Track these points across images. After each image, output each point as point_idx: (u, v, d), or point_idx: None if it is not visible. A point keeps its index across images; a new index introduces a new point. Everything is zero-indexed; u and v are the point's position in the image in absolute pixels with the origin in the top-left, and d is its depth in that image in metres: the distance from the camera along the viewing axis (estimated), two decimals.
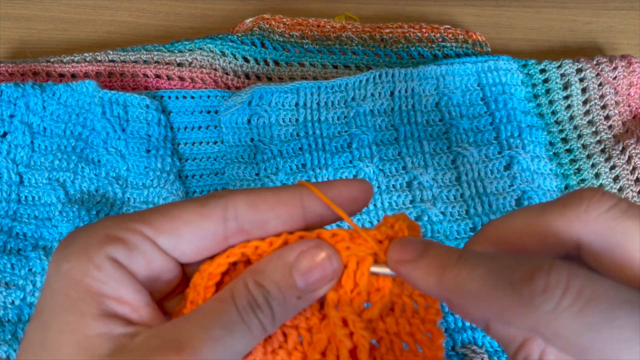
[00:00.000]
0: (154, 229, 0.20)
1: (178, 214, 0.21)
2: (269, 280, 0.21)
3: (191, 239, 0.21)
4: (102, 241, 0.20)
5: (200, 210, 0.21)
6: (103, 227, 0.20)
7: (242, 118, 0.48)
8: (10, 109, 0.46)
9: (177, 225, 0.21)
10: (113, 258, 0.19)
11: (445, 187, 0.46)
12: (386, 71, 0.49)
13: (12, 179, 0.45)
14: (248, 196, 0.22)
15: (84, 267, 0.19)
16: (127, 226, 0.20)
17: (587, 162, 0.48)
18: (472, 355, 0.40)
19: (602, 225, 0.19)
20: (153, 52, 0.51)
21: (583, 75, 0.50)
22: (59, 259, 0.19)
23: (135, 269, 0.20)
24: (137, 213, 0.21)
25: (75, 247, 0.20)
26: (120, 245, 0.20)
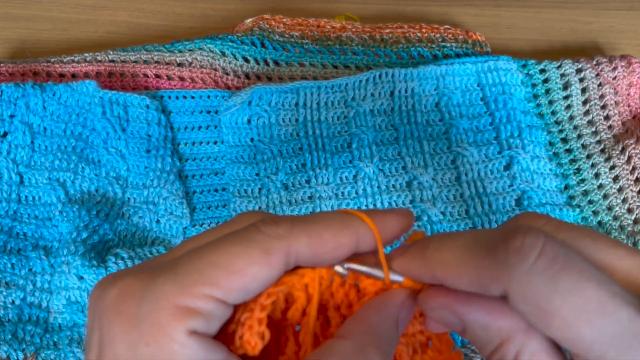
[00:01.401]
0: (222, 290, 0.19)
1: (244, 269, 0.19)
2: (386, 342, 0.21)
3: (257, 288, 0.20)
4: (176, 316, 0.18)
5: (266, 261, 0.20)
6: (167, 296, 0.19)
7: (242, 118, 0.48)
8: (10, 109, 0.46)
9: (246, 283, 0.20)
10: (193, 331, 0.19)
11: (445, 187, 0.46)
12: (386, 71, 0.49)
13: (12, 179, 0.45)
14: (310, 240, 0.21)
15: (167, 348, 0.18)
16: (194, 293, 0.19)
17: (587, 162, 0.48)
18: (472, 355, 0.40)
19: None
20: (153, 52, 0.51)
21: (583, 76, 0.50)
22: (133, 342, 0.18)
23: (212, 331, 0.20)
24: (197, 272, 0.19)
25: (147, 326, 0.18)
26: (197, 317, 0.19)
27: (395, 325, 0.22)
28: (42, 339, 0.41)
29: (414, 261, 0.21)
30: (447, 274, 0.20)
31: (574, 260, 0.18)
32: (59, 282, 0.42)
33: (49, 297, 0.42)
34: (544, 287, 0.18)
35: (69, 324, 0.42)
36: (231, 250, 0.19)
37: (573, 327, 0.17)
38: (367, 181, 0.46)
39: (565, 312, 0.17)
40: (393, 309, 0.22)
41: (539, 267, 0.18)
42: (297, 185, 0.46)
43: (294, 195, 0.46)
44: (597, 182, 0.47)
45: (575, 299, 0.17)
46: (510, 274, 0.18)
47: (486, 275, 0.19)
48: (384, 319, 0.22)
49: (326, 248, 0.21)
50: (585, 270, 0.18)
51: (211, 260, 0.19)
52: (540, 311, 0.18)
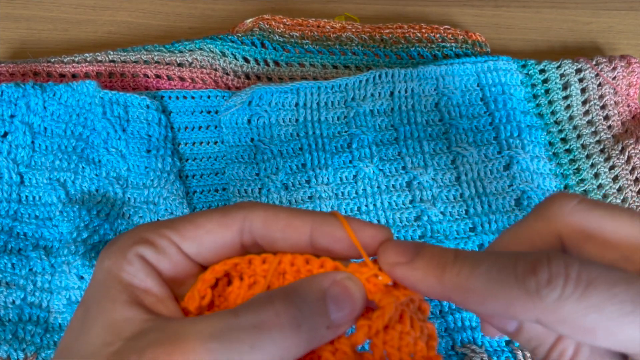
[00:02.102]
0: (179, 235, 0.23)
1: (202, 223, 0.23)
2: (302, 300, 0.21)
3: (211, 246, 0.23)
4: (135, 242, 0.22)
5: (222, 220, 0.23)
6: (139, 230, 0.23)
7: (242, 118, 0.48)
8: (11, 109, 0.46)
9: (200, 233, 0.23)
10: (142, 256, 0.22)
11: (444, 187, 0.46)
12: (386, 71, 0.49)
13: (12, 179, 0.45)
14: (265, 212, 0.23)
15: (119, 263, 0.22)
16: (158, 231, 0.23)
17: (587, 162, 0.48)
18: (471, 354, 0.40)
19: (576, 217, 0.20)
20: (153, 52, 0.52)
21: (582, 76, 0.50)
22: (103, 257, 0.23)
23: (162, 267, 0.22)
24: (169, 220, 0.23)
25: (115, 247, 0.22)
26: (149, 246, 0.22)
27: (318, 293, 0.21)
28: (43, 338, 0.41)
29: (427, 279, 0.21)
30: (470, 301, 0.20)
31: (595, 272, 0.19)
32: (59, 282, 0.42)
33: (50, 297, 0.42)
34: (577, 308, 0.18)
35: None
36: (201, 212, 0.23)
37: (618, 333, 0.18)
38: (367, 181, 0.46)
39: (604, 322, 0.18)
40: (322, 278, 0.22)
41: (568, 291, 0.18)
42: (297, 185, 0.46)
43: (294, 195, 0.46)
44: (597, 182, 0.47)
45: (609, 308, 0.18)
46: (543, 305, 0.19)
47: (517, 306, 0.19)
48: (308, 282, 0.22)
49: (277, 224, 0.23)
50: (609, 276, 0.18)
51: (184, 217, 0.23)
52: (582, 329, 0.18)
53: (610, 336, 0.18)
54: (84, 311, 0.22)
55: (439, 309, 0.42)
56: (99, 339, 0.20)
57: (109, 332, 0.20)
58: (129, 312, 0.21)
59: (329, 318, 0.21)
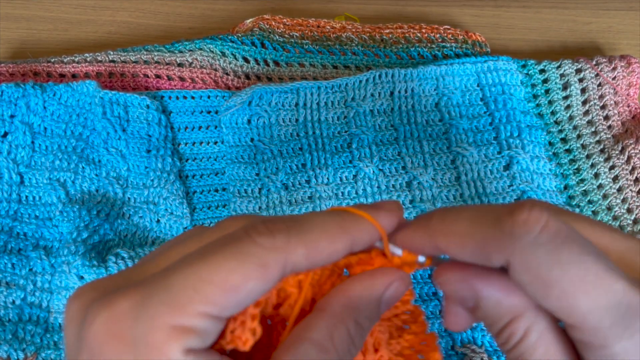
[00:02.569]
0: (218, 307, 0.19)
1: (241, 284, 0.19)
2: (365, 317, 0.21)
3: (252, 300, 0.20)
4: (172, 336, 0.18)
5: (262, 275, 0.19)
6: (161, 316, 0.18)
7: (242, 118, 0.48)
8: (11, 109, 0.46)
9: (242, 298, 0.19)
10: (190, 349, 0.18)
11: (444, 187, 0.46)
12: (386, 71, 0.49)
13: (12, 179, 0.45)
14: (307, 251, 0.20)
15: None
16: (189, 312, 0.18)
17: (587, 162, 0.48)
18: (471, 354, 0.40)
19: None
20: (153, 52, 0.52)
21: (582, 76, 0.50)
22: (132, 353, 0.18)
23: (208, 344, 0.19)
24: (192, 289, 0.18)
25: (143, 348, 0.18)
26: (193, 335, 0.18)
27: (377, 303, 0.22)
28: (43, 338, 0.41)
29: (416, 232, 0.22)
30: (451, 243, 0.21)
31: (574, 235, 0.19)
32: (59, 282, 0.42)
33: (50, 297, 0.42)
34: (545, 258, 0.19)
35: None
36: (226, 265, 0.19)
37: (570, 297, 0.18)
38: (367, 181, 0.46)
39: (564, 282, 0.18)
40: (378, 286, 0.22)
41: (542, 239, 0.19)
42: (297, 185, 0.46)
43: (294, 195, 0.46)
44: (597, 182, 0.47)
45: (574, 270, 0.18)
46: (514, 244, 0.19)
47: (491, 245, 0.20)
48: (366, 294, 0.22)
49: (321, 257, 0.21)
50: (585, 245, 0.19)
51: (206, 277, 0.19)
52: (541, 281, 0.19)
53: (563, 297, 0.18)
54: None
55: (439, 309, 0.42)
56: None
57: None
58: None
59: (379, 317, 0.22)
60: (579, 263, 0.18)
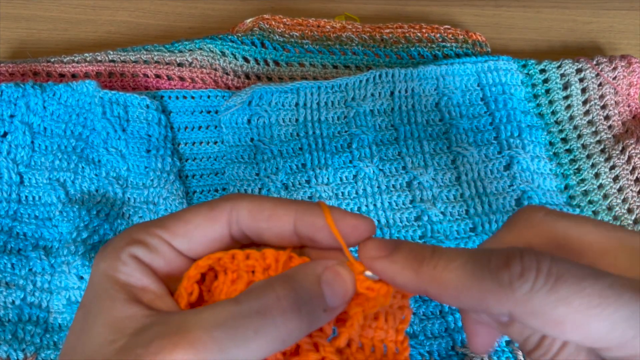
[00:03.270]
0: (170, 232, 0.23)
1: (190, 218, 0.23)
2: (300, 285, 0.22)
3: (201, 241, 0.23)
4: (127, 243, 0.23)
5: (209, 214, 0.23)
6: (130, 232, 0.23)
7: (242, 118, 0.48)
8: (10, 109, 0.46)
9: (189, 229, 0.23)
10: (136, 256, 0.23)
11: (445, 187, 0.46)
12: (386, 71, 0.49)
13: (12, 179, 0.45)
14: (251, 203, 0.24)
15: (114, 264, 0.22)
16: (148, 231, 0.23)
17: (587, 162, 0.48)
18: (472, 355, 0.40)
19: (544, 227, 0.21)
20: (153, 52, 0.51)
21: (583, 75, 0.50)
22: (97, 260, 0.23)
23: (156, 265, 0.23)
24: (159, 219, 0.24)
25: (108, 249, 0.23)
26: (142, 246, 0.23)
27: (314, 278, 0.22)
28: (42, 339, 0.41)
29: (404, 272, 0.22)
30: (445, 294, 0.21)
31: (565, 267, 0.19)
32: (59, 282, 0.42)
33: (49, 297, 0.42)
34: (547, 300, 0.19)
35: (69, 324, 0.42)
36: (189, 208, 0.24)
37: (585, 326, 0.18)
38: (367, 181, 0.46)
39: (573, 315, 0.19)
40: (316, 264, 0.23)
41: (539, 284, 0.19)
42: (297, 185, 0.46)
43: (294, 195, 0.46)
44: (597, 182, 0.47)
45: (578, 301, 0.18)
46: (515, 298, 0.19)
47: (490, 299, 0.20)
48: (303, 268, 0.22)
49: (262, 213, 0.23)
50: (578, 272, 0.19)
51: (172, 214, 0.24)
52: (551, 322, 0.19)
53: (577, 329, 0.19)
54: (84, 313, 0.22)
55: (439, 309, 0.42)
56: (102, 338, 0.21)
57: (111, 330, 0.21)
58: (130, 310, 0.21)
59: (325, 301, 0.22)
60: (578, 292, 0.19)
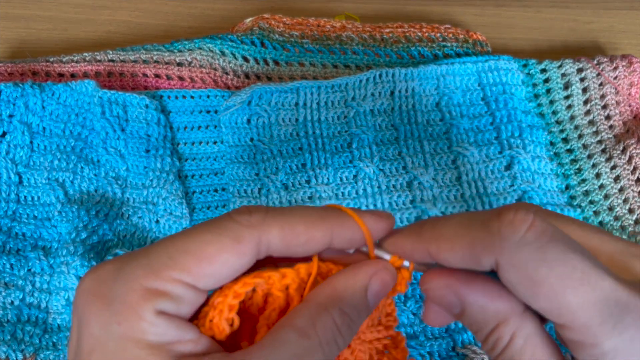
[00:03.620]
0: (192, 276, 0.20)
1: (215, 255, 0.20)
2: (351, 306, 0.22)
3: (228, 276, 0.21)
4: (145, 297, 0.19)
5: (237, 249, 0.20)
6: (137, 279, 0.20)
7: (242, 118, 0.48)
8: (9, 108, 0.46)
9: (216, 269, 0.20)
10: (162, 312, 0.19)
11: (445, 187, 0.46)
12: (386, 71, 0.49)
13: (11, 179, 0.45)
14: (282, 231, 0.21)
15: (138, 326, 0.19)
16: (164, 277, 0.20)
17: (588, 162, 0.47)
18: (472, 355, 0.40)
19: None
20: (152, 51, 0.51)
21: (584, 75, 0.50)
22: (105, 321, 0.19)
23: (183, 313, 0.20)
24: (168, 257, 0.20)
25: (118, 306, 0.19)
26: (165, 299, 0.20)
27: (363, 293, 0.22)
28: (41, 339, 0.41)
29: (408, 238, 0.22)
30: (442, 247, 0.21)
31: (560, 235, 0.19)
32: (58, 282, 0.42)
33: (48, 298, 0.42)
34: (532, 257, 0.19)
35: (68, 325, 0.41)
36: (203, 237, 0.20)
37: (559, 295, 0.19)
38: (368, 181, 0.46)
39: (552, 280, 0.19)
40: (362, 275, 0.22)
41: (528, 238, 0.19)
42: (297, 185, 0.46)
43: (294, 195, 0.45)
44: (598, 183, 0.47)
45: (561, 267, 0.19)
46: (501, 244, 0.19)
47: (479, 246, 0.20)
48: (351, 284, 0.22)
49: (298, 241, 0.21)
50: (571, 244, 0.19)
51: (182, 247, 0.20)
52: (529, 280, 0.19)
53: (552, 295, 0.19)
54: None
55: None
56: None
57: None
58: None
59: (369, 309, 0.22)
60: (565, 260, 0.19)
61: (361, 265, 0.23)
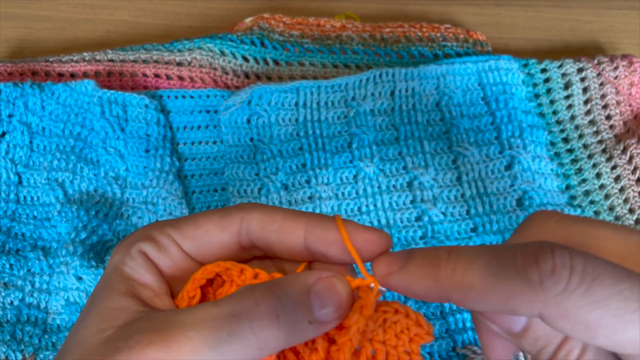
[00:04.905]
0: (181, 234, 0.23)
1: (202, 223, 0.24)
2: (284, 293, 0.21)
3: (210, 246, 0.24)
4: (140, 239, 0.23)
5: (220, 221, 0.23)
6: (147, 228, 0.24)
7: (242, 118, 0.48)
8: (9, 108, 0.46)
9: (199, 233, 0.23)
10: (144, 252, 0.23)
11: (445, 187, 0.46)
12: (386, 71, 0.49)
13: (10, 179, 0.45)
14: (262, 214, 0.23)
15: (124, 257, 0.23)
16: (161, 229, 0.23)
17: (588, 162, 0.47)
18: (472, 355, 0.40)
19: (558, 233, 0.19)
20: (152, 51, 0.51)
21: (584, 75, 0.50)
22: (113, 252, 0.24)
23: (162, 264, 0.23)
24: (173, 220, 0.24)
25: (124, 242, 0.24)
26: (152, 243, 0.23)
27: (303, 290, 0.21)
28: (41, 339, 0.41)
29: (422, 281, 0.20)
30: (469, 297, 0.19)
31: (602, 266, 0.18)
32: (57, 282, 0.42)
33: (48, 298, 0.42)
34: (582, 302, 0.17)
35: (67, 325, 0.41)
36: (205, 213, 0.24)
37: (619, 332, 0.17)
38: (368, 181, 0.46)
39: (609, 319, 0.17)
40: (308, 275, 0.22)
41: (573, 284, 0.17)
42: (297, 185, 0.46)
43: (293, 195, 0.45)
44: (599, 183, 0.46)
45: (614, 304, 0.17)
46: (546, 297, 0.18)
47: (518, 300, 0.18)
48: (291, 277, 0.22)
49: (272, 226, 0.23)
50: (615, 272, 0.18)
51: (187, 217, 0.24)
52: (585, 326, 0.18)
53: (612, 334, 0.17)
54: (90, 301, 0.23)
55: (440, 310, 0.42)
56: (94, 325, 0.21)
57: (103, 319, 0.21)
58: (124, 302, 0.22)
59: (311, 313, 0.21)
60: (616, 294, 0.17)
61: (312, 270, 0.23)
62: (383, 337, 0.23)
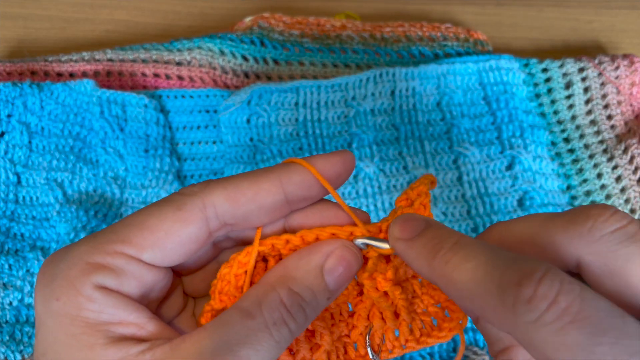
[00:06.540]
0: (134, 247, 0.20)
1: (157, 225, 0.20)
2: (303, 286, 0.21)
3: (174, 247, 0.21)
4: (85, 271, 0.19)
5: (179, 216, 0.20)
6: (80, 254, 0.19)
7: (242, 117, 0.48)
8: (8, 108, 0.46)
9: (158, 238, 0.20)
10: (102, 286, 0.19)
11: (446, 187, 0.46)
12: (387, 70, 0.49)
13: (9, 179, 0.45)
14: (225, 190, 0.21)
15: (75, 302, 0.18)
16: (105, 250, 0.19)
17: (589, 162, 0.47)
18: (473, 356, 0.40)
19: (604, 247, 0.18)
20: (152, 51, 0.51)
21: (585, 75, 0.50)
22: (46, 297, 0.19)
23: (127, 290, 0.20)
24: (111, 232, 0.20)
25: (59, 282, 0.19)
26: (106, 272, 0.19)
27: (317, 272, 0.21)
28: None
29: (418, 260, 0.21)
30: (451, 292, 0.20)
31: (590, 310, 0.16)
32: None
33: None
34: (551, 339, 0.16)
35: None
36: (147, 210, 0.20)
37: None
38: (368, 181, 0.46)
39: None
40: (316, 254, 0.22)
41: (547, 318, 0.16)
42: None
43: None
44: (600, 183, 0.46)
45: (585, 355, 0.15)
46: (517, 322, 0.17)
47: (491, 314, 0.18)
48: (303, 263, 0.21)
49: (245, 196, 0.21)
50: (603, 320, 0.16)
51: (127, 221, 0.20)
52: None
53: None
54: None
55: None
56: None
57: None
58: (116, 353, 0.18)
59: (328, 290, 0.21)
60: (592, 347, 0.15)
61: (318, 244, 0.22)
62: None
